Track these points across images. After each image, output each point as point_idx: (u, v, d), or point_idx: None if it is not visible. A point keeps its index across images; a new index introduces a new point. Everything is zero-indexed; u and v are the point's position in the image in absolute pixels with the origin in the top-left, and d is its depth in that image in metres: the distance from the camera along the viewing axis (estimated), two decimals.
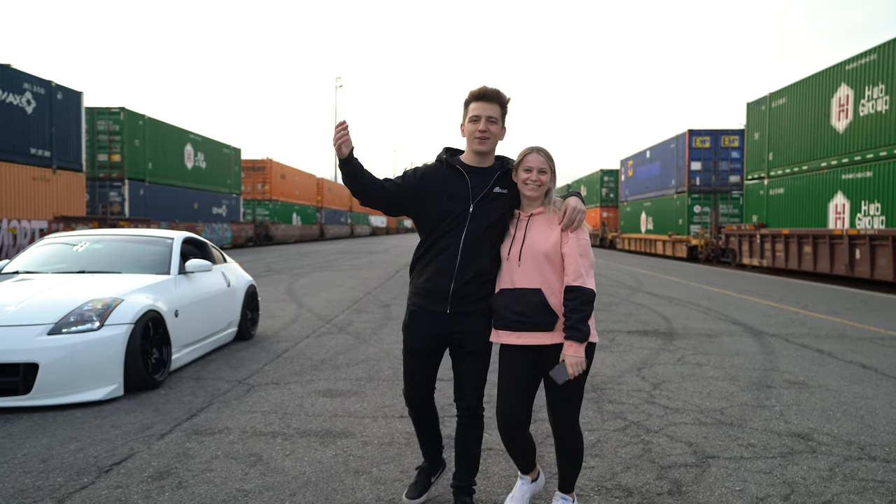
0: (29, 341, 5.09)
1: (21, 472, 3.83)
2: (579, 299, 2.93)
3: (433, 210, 3.14)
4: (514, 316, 3.03)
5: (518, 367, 3.10)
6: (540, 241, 3.04)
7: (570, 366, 2.94)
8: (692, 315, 10.85)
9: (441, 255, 3.12)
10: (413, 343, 3.24)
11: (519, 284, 3.05)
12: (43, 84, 21.99)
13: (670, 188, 31.07)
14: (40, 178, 21.69)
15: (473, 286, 3.13)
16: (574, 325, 2.92)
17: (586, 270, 2.99)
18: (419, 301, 3.21)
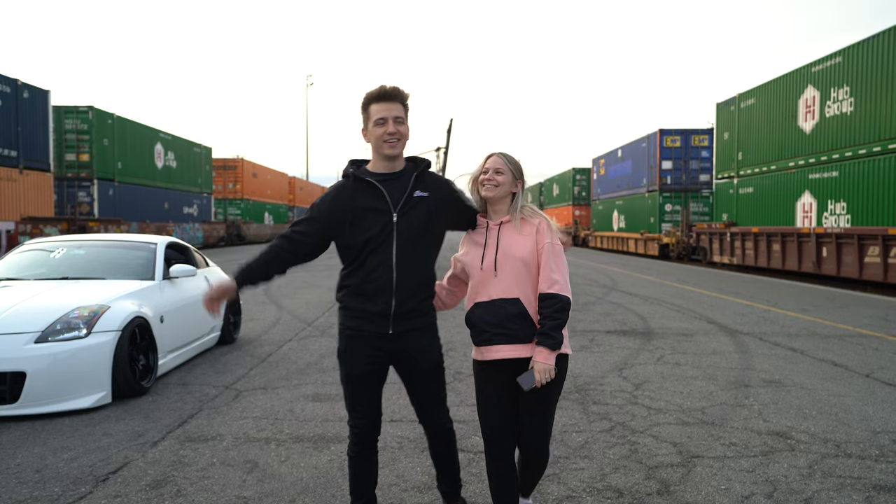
0: (15, 350, 5.06)
1: (17, 483, 3.83)
2: (554, 306, 2.81)
3: (355, 231, 2.89)
4: (493, 329, 2.89)
5: (494, 385, 2.96)
6: (516, 248, 2.91)
7: (538, 372, 2.77)
8: (668, 314, 11.06)
9: (375, 274, 2.87)
10: (355, 369, 2.97)
11: (496, 296, 2.90)
12: (8, 82, 21.57)
13: (642, 187, 31.48)
14: (6, 178, 21.28)
15: (416, 301, 2.93)
16: (547, 332, 2.78)
17: (562, 278, 2.87)
18: (356, 325, 2.94)
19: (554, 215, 50.32)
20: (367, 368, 2.97)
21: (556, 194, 50.34)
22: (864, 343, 8.46)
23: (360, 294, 2.91)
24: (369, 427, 3.05)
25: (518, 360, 2.89)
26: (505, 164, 2.98)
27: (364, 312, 2.91)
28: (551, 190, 52.08)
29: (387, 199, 2.89)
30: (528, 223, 2.96)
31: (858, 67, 16.36)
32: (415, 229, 2.91)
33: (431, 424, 3.13)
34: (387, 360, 2.99)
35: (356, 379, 2.99)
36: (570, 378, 6.44)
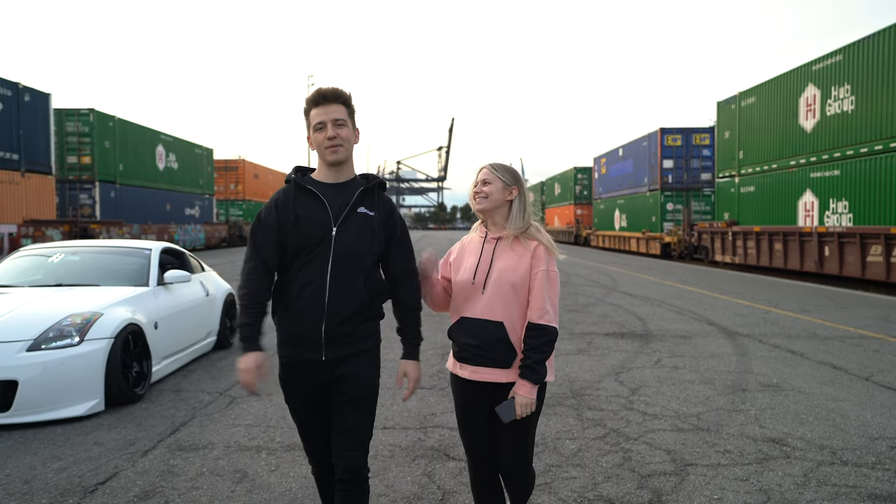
0: (7, 358, 5.05)
1: (4, 494, 3.81)
2: (542, 339, 2.67)
3: (291, 241, 2.64)
4: (472, 350, 2.76)
5: (473, 403, 2.85)
6: (508, 269, 2.75)
7: (519, 405, 2.66)
8: (667, 316, 11.01)
9: (305, 292, 2.60)
10: (295, 398, 2.74)
11: (480, 315, 2.76)
12: (9, 86, 21.61)
13: (643, 186, 31.41)
14: (8, 181, 21.32)
15: (351, 325, 2.63)
16: (531, 366, 2.66)
17: (553, 307, 2.73)
18: (289, 351, 2.69)
19: (556, 214, 50.50)
20: (307, 399, 2.71)
21: (557, 193, 50.28)
22: (865, 345, 8.41)
23: (290, 315, 2.64)
24: (326, 454, 2.79)
25: (495, 383, 2.77)
26: (492, 173, 2.86)
27: (295, 337, 2.64)
28: (553, 189, 52.02)
29: (328, 210, 2.64)
30: (523, 244, 2.80)
31: (859, 66, 16.29)
32: (355, 246, 2.64)
33: (346, 468, 2.64)
34: (326, 388, 2.70)
35: (299, 408, 2.75)
36: (567, 383, 6.41)
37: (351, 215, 2.66)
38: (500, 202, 2.85)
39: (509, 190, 2.86)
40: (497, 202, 2.84)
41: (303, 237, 2.62)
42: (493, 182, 2.85)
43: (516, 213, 2.84)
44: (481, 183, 2.86)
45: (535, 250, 2.77)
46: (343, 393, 2.66)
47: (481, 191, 2.85)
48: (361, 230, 2.66)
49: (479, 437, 2.87)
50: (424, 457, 4.42)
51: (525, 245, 2.80)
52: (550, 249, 2.79)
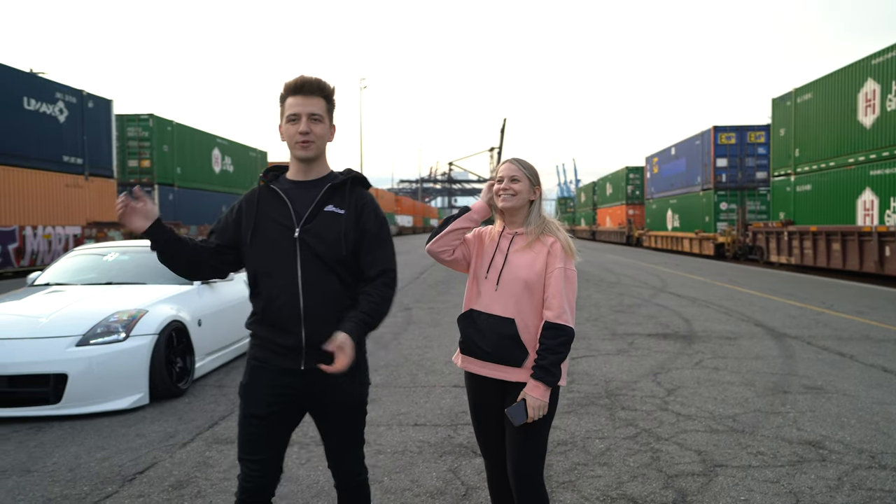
0: (58, 352, 5.30)
1: (50, 481, 4.01)
2: (559, 339, 2.57)
3: (254, 245, 2.49)
4: (480, 343, 2.69)
5: (484, 399, 2.79)
6: (522, 266, 2.67)
7: (531, 408, 2.56)
8: (714, 316, 10.80)
9: (278, 301, 2.44)
10: (256, 408, 2.47)
11: (492, 310, 2.68)
12: (74, 93, 22.53)
13: (696, 185, 30.80)
14: (73, 184, 22.23)
15: (331, 329, 2.37)
16: (546, 367, 2.55)
17: (570, 306, 2.62)
18: (264, 355, 2.49)
19: (608, 215, 49.88)
20: (270, 409, 2.47)
21: (609, 193, 49.67)
22: None
23: (266, 321, 2.47)
24: (262, 483, 2.49)
25: (505, 381, 2.69)
26: (520, 170, 2.75)
27: (272, 344, 2.46)
28: (604, 189, 51.41)
29: (290, 210, 2.46)
30: (541, 240, 2.70)
31: None
32: (324, 248, 2.45)
33: (340, 475, 2.61)
34: (296, 401, 2.51)
35: (256, 420, 2.47)
36: (602, 383, 6.37)
37: (317, 214, 2.47)
38: (525, 201, 2.77)
39: (533, 190, 2.78)
40: (523, 201, 2.76)
41: (266, 242, 2.46)
42: (522, 180, 2.75)
43: (537, 212, 2.78)
44: (509, 179, 2.74)
45: (552, 247, 2.68)
46: (332, 403, 2.51)
47: (510, 188, 2.73)
48: (328, 230, 2.46)
49: (492, 436, 2.81)
50: (452, 453, 4.47)
51: (542, 241, 2.70)
52: (567, 248, 2.69)
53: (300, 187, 2.51)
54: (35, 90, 20.71)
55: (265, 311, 2.46)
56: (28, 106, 20.30)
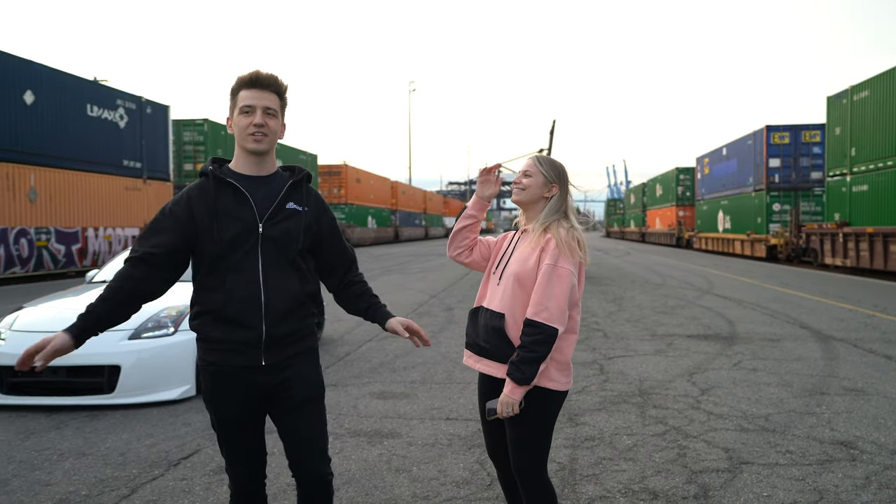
0: (112, 345, 5.61)
1: (102, 464, 4.29)
2: (535, 337, 2.48)
3: (213, 240, 2.40)
4: (475, 338, 2.71)
5: (482, 395, 2.77)
6: (517, 261, 2.65)
7: (500, 404, 2.52)
8: (759, 318, 10.66)
9: (237, 295, 2.38)
10: (226, 411, 2.46)
11: (491, 306, 2.69)
12: (134, 99, 23.41)
13: (748, 186, 30.20)
14: (132, 187, 23.10)
15: (291, 323, 2.45)
16: (517, 363, 2.48)
17: (557, 305, 2.50)
18: (221, 358, 2.42)
19: (657, 216, 49.21)
20: (240, 409, 2.45)
21: (659, 195, 48.98)
22: None
23: (221, 320, 2.39)
24: (250, 477, 2.56)
25: (493, 377, 2.67)
26: (535, 166, 2.72)
27: (228, 343, 2.39)
28: (654, 190, 50.72)
29: (251, 204, 2.43)
30: (540, 237, 2.64)
31: None
32: (286, 244, 2.46)
33: (303, 473, 2.53)
34: (264, 396, 2.48)
35: (229, 423, 2.47)
36: (636, 382, 6.41)
37: (280, 212, 2.47)
38: (536, 196, 2.71)
39: (549, 187, 2.71)
40: (534, 196, 2.71)
41: (225, 236, 2.39)
42: (534, 175, 2.71)
43: (549, 210, 2.69)
44: (522, 174, 2.73)
45: (546, 244, 2.60)
46: (292, 398, 2.48)
47: (520, 181, 2.73)
48: (292, 227, 2.47)
49: (497, 434, 2.78)
50: (480, 446, 4.59)
51: (539, 237, 2.64)
52: (562, 246, 2.56)
53: (255, 182, 2.48)
54: (97, 97, 21.62)
55: (224, 306, 2.38)
56: (91, 112, 21.20)
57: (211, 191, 2.43)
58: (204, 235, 2.40)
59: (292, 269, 2.48)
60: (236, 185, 2.44)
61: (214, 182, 2.45)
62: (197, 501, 3.71)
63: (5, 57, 18.01)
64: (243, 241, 2.40)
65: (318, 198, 2.63)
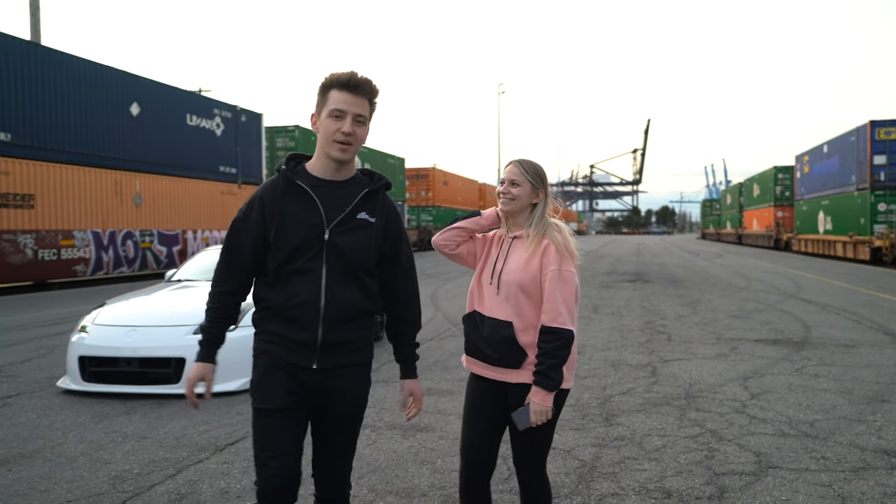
0: (179, 339, 6.07)
1: (158, 447, 4.69)
2: (555, 343, 2.55)
3: (279, 239, 2.39)
4: (480, 345, 2.71)
5: (480, 399, 2.78)
6: (516, 269, 2.66)
7: (533, 413, 2.58)
8: (839, 324, 10.20)
9: (297, 299, 2.37)
10: (272, 401, 2.41)
11: (492, 313, 2.69)
12: (229, 108, 24.70)
13: (850, 185, 28.60)
14: (227, 192, 24.35)
15: (348, 332, 2.43)
16: (545, 372, 2.55)
17: (568, 309, 2.58)
18: (274, 350, 2.43)
19: (754, 217, 47.26)
20: (286, 401, 2.40)
21: (756, 195, 47.02)
22: None
23: (279, 318, 2.41)
24: (283, 484, 2.39)
25: (503, 382, 2.70)
26: (521, 173, 2.73)
27: (284, 339, 2.40)
28: (751, 190, 48.72)
29: (319, 210, 2.39)
30: (537, 243, 2.67)
31: None
32: (351, 255, 2.41)
33: (325, 486, 2.55)
34: (307, 400, 2.45)
35: (270, 414, 2.41)
36: (685, 385, 6.34)
37: (350, 220, 2.42)
38: (524, 205, 2.75)
39: (536, 193, 2.74)
40: (523, 205, 2.74)
41: (291, 241, 2.38)
42: (522, 184, 2.72)
43: (539, 216, 2.72)
44: (509, 183, 2.73)
45: (546, 249, 2.64)
46: (335, 409, 2.49)
47: (508, 192, 2.72)
48: (359, 237, 2.43)
49: (480, 436, 2.77)
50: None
51: (537, 244, 2.67)
52: (561, 249, 2.63)
53: (328, 187, 2.42)
54: (196, 107, 22.95)
55: (284, 305, 2.39)
56: (190, 122, 22.54)
57: (280, 193, 2.41)
58: (271, 238, 2.40)
59: (355, 279, 2.44)
60: (306, 188, 2.40)
61: (285, 183, 2.41)
62: (232, 483, 4.03)
63: (114, 72, 19.44)
64: (309, 247, 2.38)
65: (393, 210, 2.56)
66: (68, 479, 4.11)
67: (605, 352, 7.99)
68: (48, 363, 7.45)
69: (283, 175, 2.42)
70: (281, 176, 2.43)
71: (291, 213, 2.39)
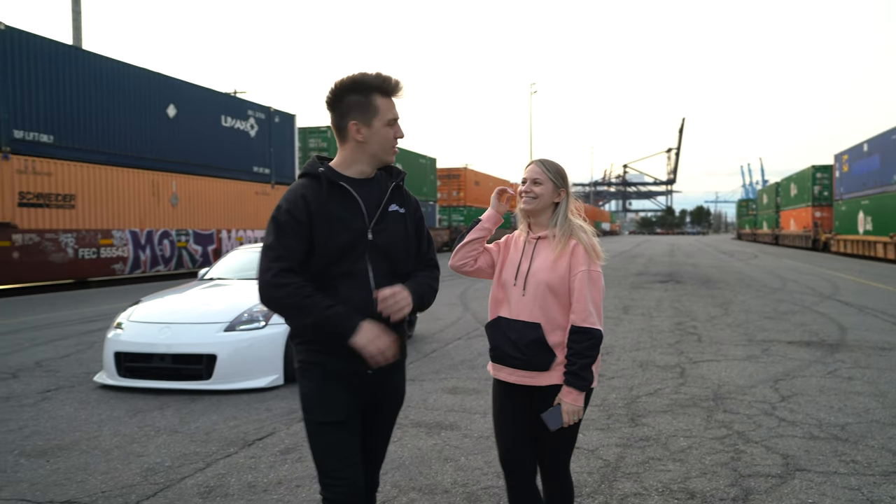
0: (210, 336, 6.20)
1: (189, 441, 4.80)
2: (586, 343, 2.58)
3: (322, 244, 2.33)
4: (508, 350, 2.69)
5: (508, 405, 2.78)
6: (544, 269, 2.66)
7: (566, 413, 2.59)
8: (876, 326, 10.00)
9: (352, 300, 2.33)
10: (335, 414, 2.37)
11: (518, 316, 2.68)
12: (263, 110, 25.04)
13: (892, 184, 27.89)
14: (261, 192, 24.69)
15: (396, 332, 2.43)
16: (577, 372, 2.57)
17: (597, 309, 2.62)
18: (328, 360, 2.38)
19: (791, 217, 46.41)
20: (348, 411, 2.40)
21: (793, 195, 46.13)
22: None
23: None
24: (354, 493, 2.37)
25: (532, 387, 2.69)
26: (543, 172, 2.74)
27: (343, 349, 2.30)
28: (788, 190, 47.82)
29: (362, 209, 2.39)
30: (563, 243, 2.68)
31: None
32: (391, 249, 2.43)
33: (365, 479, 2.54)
34: (360, 402, 2.46)
35: (338, 427, 2.37)
36: (714, 386, 6.28)
37: (385, 216, 2.43)
38: (546, 204, 2.75)
39: (558, 192, 2.75)
40: (545, 204, 2.74)
41: (337, 241, 2.34)
42: (544, 183, 2.73)
43: (562, 215, 2.73)
44: (531, 182, 2.74)
45: (574, 249, 2.65)
46: (384, 407, 2.55)
47: (531, 190, 2.73)
48: (395, 230, 2.45)
49: (512, 442, 2.77)
50: None
51: (565, 244, 2.68)
52: (590, 250, 2.66)
53: (364, 185, 2.42)
54: (230, 109, 23.33)
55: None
56: (225, 123, 22.91)
57: (325, 194, 2.36)
58: (317, 240, 2.33)
59: (397, 274, 2.45)
60: (349, 189, 2.38)
61: (328, 185, 2.37)
62: (259, 477, 4.11)
63: (152, 75, 19.86)
64: (353, 248, 2.36)
65: (413, 197, 2.60)
66: (102, 470, 4.23)
67: (633, 352, 7.94)
68: (86, 359, 7.65)
69: (325, 177, 2.37)
70: (323, 178, 2.37)
71: (337, 215, 2.36)
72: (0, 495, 3.87)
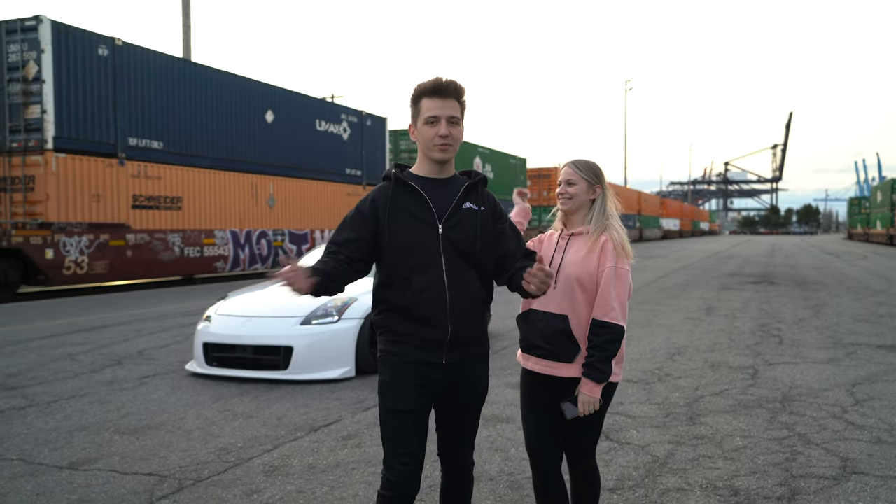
0: (287, 329, 6.60)
1: (261, 425, 5.17)
2: (606, 336, 2.68)
3: (394, 239, 2.53)
4: (536, 340, 2.80)
5: (534, 394, 2.90)
6: (574, 263, 2.78)
7: (581, 404, 2.71)
8: None
9: (424, 296, 2.50)
10: (403, 402, 2.52)
11: (548, 308, 2.78)
12: (355, 114, 25.85)
13: None
14: (353, 193, 25.46)
15: (473, 325, 2.59)
16: (594, 364, 2.68)
17: (620, 304, 2.71)
18: (404, 350, 2.54)
19: None
20: (417, 401, 2.54)
21: None
22: None
23: (408, 317, 2.52)
24: (410, 477, 2.55)
25: (556, 377, 2.80)
26: (575, 172, 2.87)
27: (414, 339, 2.51)
28: None
29: (430, 206, 2.54)
30: (595, 238, 2.79)
31: None
32: (465, 244, 2.55)
33: (452, 463, 2.76)
34: (435, 394, 2.61)
35: (404, 414, 2.53)
36: (783, 388, 6.14)
37: (457, 212, 2.57)
38: (583, 202, 2.87)
39: (593, 189, 2.87)
40: (581, 203, 2.87)
41: (408, 237, 2.52)
42: (577, 182, 2.86)
43: (598, 211, 2.85)
44: (565, 183, 2.87)
45: (604, 245, 2.75)
46: (464, 398, 2.66)
47: (566, 191, 2.87)
48: (469, 226, 2.57)
49: (541, 432, 2.90)
50: None
51: (596, 240, 2.79)
52: (619, 246, 2.75)
53: (435, 184, 2.58)
54: (325, 113, 24.22)
55: (412, 304, 2.51)
56: (319, 127, 23.80)
57: (392, 192, 2.56)
58: (385, 234, 2.52)
59: (472, 269, 2.58)
60: (416, 187, 2.55)
61: (396, 184, 2.57)
62: (319, 459, 4.41)
63: (252, 83, 20.91)
64: (424, 242, 2.51)
65: (493, 198, 2.72)
66: (182, 448, 4.65)
67: (707, 353, 7.82)
68: (182, 349, 8.26)
69: (394, 177, 2.58)
70: (392, 178, 2.58)
71: (405, 210, 2.55)
72: (95, 466, 4.33)
